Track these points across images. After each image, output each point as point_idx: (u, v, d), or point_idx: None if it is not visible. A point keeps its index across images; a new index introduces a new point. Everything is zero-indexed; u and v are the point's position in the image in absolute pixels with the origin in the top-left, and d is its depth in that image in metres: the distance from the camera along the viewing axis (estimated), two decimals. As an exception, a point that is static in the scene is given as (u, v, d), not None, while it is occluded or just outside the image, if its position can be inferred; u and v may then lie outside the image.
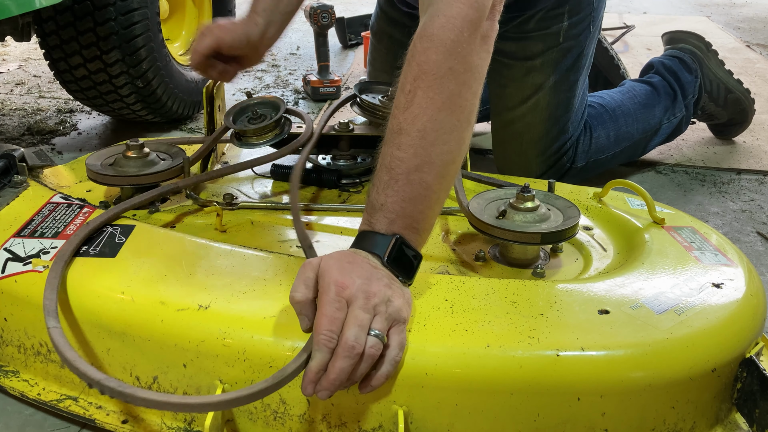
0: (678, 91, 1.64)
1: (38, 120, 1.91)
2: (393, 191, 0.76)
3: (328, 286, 0.70)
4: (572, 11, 1.36)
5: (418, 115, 0.77)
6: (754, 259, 1.29)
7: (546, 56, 1.37)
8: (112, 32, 1.55)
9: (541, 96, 1.39)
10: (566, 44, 1.37)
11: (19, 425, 0.85)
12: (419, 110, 0.77)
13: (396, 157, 0.77)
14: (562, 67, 1.38)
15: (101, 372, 0.71)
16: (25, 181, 1.08)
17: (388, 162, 0.77)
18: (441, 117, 0.77)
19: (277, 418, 0.77)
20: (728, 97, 1.76)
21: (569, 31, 1.37)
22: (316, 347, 0.68)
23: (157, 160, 1.14)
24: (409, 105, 0.77)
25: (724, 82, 1.74)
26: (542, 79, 1.38)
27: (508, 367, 0.73)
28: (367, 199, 0.79)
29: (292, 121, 1.23)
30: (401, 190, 0.76)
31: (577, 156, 1.46)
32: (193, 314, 0.79)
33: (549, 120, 1.41)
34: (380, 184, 0.77)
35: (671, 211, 1.10)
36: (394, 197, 0.76)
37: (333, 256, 0.74)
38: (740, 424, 0.83)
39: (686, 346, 0.76)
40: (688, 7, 3.90)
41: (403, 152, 0.77)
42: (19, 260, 0.89)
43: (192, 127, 1.90)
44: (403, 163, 0.76)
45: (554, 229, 0.95)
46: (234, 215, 1.10)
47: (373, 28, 1.61)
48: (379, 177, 0.78)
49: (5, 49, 2.68)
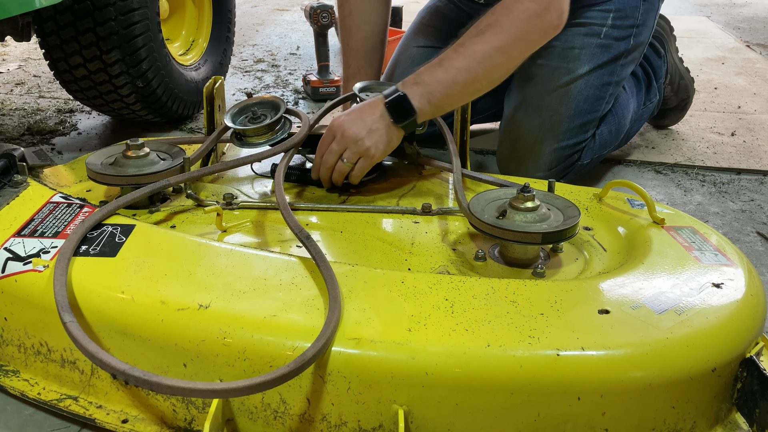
0: (651, 76, 1.68)
1: (38, 120, 1.91)
2: (434, 71, 1.15)
3: (329, 129, 1.16)
4: (617, 14, 1.42)
5: (479, 43, 1.15)
6: (754, 259, 1.29)
7: (586, 46, 1.41)
8: (112, 32, 1.55)
9: (573, 84, 1.40)
10: (606, 41, 1.41)
11: (19, 425, 0.85)
12: (482, 41, 1.15)
13: (449, 56, 1.16)
14: (598, 62, 1.41)
15: (124, 362, 0.71)
16: (25, 181, 1.07)
17: (445, 55, 1.16)
18: (492, 54, 1.16)
19: (277, 418, 0.77)
20: (680, 83, 1.79)
21: (611, 31, 1.42)
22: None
23: (157, 160, 1.14)
24: (478, 35, 1.16)
25: (678, 67, 1.77)
26: (577, 67, 1.40)
27: (508, 366, 0.73)
28: (417, 74, 1.16)
29: (291, 121, 1.23)
30: (440, 72, 1.14)
31: (584, 154, 1.46)
32: (193, 314, 0.79)
33: (575, 112, 1.41)
34: (432, 70, 1.15)
35: (671, 211, 1.10)
36: (431, 76, 1.15)
37: (356, 106, 1.17)
38: (740, 424, 0.83)
39: (686, 346, 0.76)
40: (688, 7, 3.90)
41: (458, 54, 1.15)
42: (19, 260, 0.89)
43: (192, 127, 1.90)
44: (452, 61, 1.15)
45: (554, 229, 0.95)
46: (234, 215, 1.10)
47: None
48: (433, 62, 1.16)
49: (5, 49, 2.68)
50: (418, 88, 1.14)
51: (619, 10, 1.42)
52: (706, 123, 2.00)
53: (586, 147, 1.46)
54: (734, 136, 1.91)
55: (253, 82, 2.34)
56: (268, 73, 2.45)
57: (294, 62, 2.61)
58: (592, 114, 1.43)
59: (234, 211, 1.11)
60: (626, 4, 1.43)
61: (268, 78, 2.40)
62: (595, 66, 1.41)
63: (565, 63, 1.40)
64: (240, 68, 2.50)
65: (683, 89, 1.81)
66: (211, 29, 2.02)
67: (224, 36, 2.07)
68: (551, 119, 1.41)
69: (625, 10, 1.43)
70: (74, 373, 0.85)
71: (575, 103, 1.41)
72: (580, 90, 1.40)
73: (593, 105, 1.42)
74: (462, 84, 1.15)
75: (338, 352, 0.74)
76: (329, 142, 1.15)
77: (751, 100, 2.23)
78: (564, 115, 1.41)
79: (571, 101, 1.40)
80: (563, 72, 1.40)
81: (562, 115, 1.41)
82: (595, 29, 1.41)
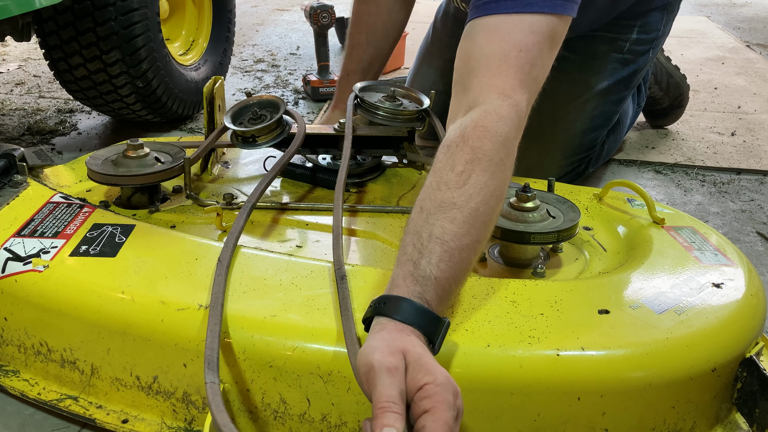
0: (641, 80, 1.66)
1: (38, 120, 1.91)
2: (447, 266, 0.72)
3: (445, 386, 0.61)
4: (643, 28, 1.36)
5: (473, 195, 0.76)
6: (754, 259, 1.29)
7: (607, 60, 1.36)
8: (112, 32, 1.55)
9: (590, 99, 1.36)
10: (628, 56, 1.37)
11: (19, 425, 0.85)
12: (474, 191, 0.77)
13: (449, 231, 0.74)
14: (618, 77, 1.37)
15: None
16: (25, 181, 1.07)
17: (440, 233, 0.74)
18: (491, 203, 0.78)
19: (277, 418, 0.77)
20: (669, 81, 1.78)
21: (634, 46, 1.37)
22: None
23: (157, 160, 1.14)
24: (463, 184, 0.77)
25: (665, 66, 1.76)
26: (597, 82, 1.35)
27: (508, 366, 0.73)
28: (412, 262, 0.73)
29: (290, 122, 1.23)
30: (455, 267, 0.73)
31: (591, 163, 1.46)
32: (193, 314, 0.79)
33: (588, 127, 1.38)
34: (432, 254, 0.72)
35: (671, 211, 1.10)
36: (447, 273, 0.72)
37: (408, 341, 0.65)
38: (740, 424, 0.83)
39: (686, 346, 0.76)
40: (688, 7, 3.90)
41: (457, 227, 0.74)
42: (19, 260, 0.89)
43: (192, 127, 1.90)
44: (457, 239, 0.74)
45: (554, 229, 0.95)
46: (234, 215, 1.10)
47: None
48: (430, 247, 0.73)
49: (5, 49, 2.67)
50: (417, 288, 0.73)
51: (644, 24, 1.37)
52: (706, 123, 2.00)
53: (594, 157, 1.45)
54: (734, 136, 1.91)
55: (253, 82, 2.34)
56: (268, 73, 2.45)
57: (294, 62, 2.61)
58: (604, 129, 1.41)
59: (234, 211, 1.11)
60: (651, 16, 1.38)
61: (268, 78, 2.40)
62: (614, 81, 1.37)
63: (584, 75, 1.36)
64: (240, 68, 2.50)
65: (674, 87, 1.80)
66: (211, 29, 2.02)
67: (224, 36, 2.07)
68: (564, 134, 1.38)
69: (651, 23, 1.38)
70: (74, 373, 0.85)
71: (591, 118, 1.37)
72: (597, 105, 1.37)
73: (607, 120, 1.40)
74: (473, 260, 0.78)
75: (338, 352, 0.74)
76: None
77: (751, 100, 2.23)
78: (577, 130, 1.37)
79: (587, 116, 1.37)
80: (582, 86, 1.36)
81: (576, 130, 1.37)
82: (619, 44, 1.36)
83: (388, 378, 0.60)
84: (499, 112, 0.82)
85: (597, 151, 1.44)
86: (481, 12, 0.88)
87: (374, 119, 1.23)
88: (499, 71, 0.84)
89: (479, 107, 0.83)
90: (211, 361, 0.69)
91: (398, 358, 0.62)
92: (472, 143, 0.79)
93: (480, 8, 0.88)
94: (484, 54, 0.86)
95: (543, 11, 0.86)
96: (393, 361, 0.61)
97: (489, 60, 0.85)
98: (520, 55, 0.85)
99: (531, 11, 0.86)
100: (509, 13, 0.86)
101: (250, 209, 0.96)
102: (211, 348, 0.71)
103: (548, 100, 1.40)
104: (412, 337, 0.66)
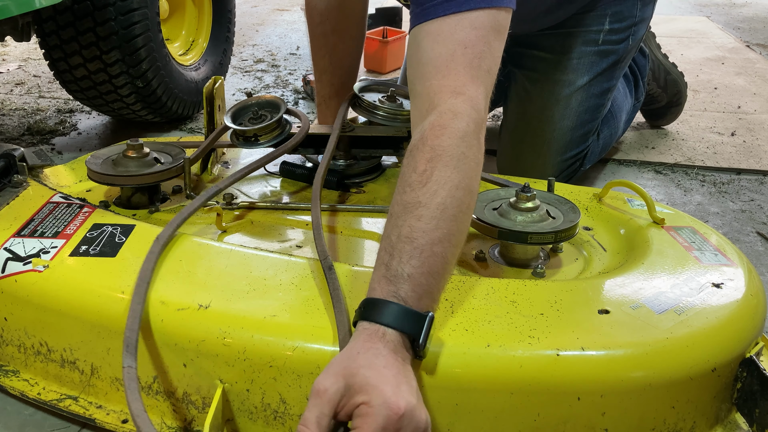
0: (638, 75, 1.66)
1: (38, 120, 1.91)
2: (418, 262, 0.73)
3: (379, 408, 0.63)
4: (614, 17, 1.36)
5: (437, 191, 0.77)
6: (754, 259, 1.29)
7: (584, 55, 1.36)
8: (112, 32, 1.55)
9: (573, 96, 1.37)
10: (604, 48, 1.37)
11: (19, 425, 0.85)
12: (437, 186, 0.77)
13: (417, 228, 0.74)
14: (597, 70, 1.37)
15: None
16: (25, 181, 1.07)
17: (408, 232, 0.74)
18: (458, 194, 0.78)
19: (277, 418, 0.77)
20: (667, 78, 1.78)
21: (609, 36, 1.37)
22: None
23: (157, 160, 1.14)
24: (425, 182, 0.78)
25: (662, 63, 1.76)
26: (576, 78, 1.37)
27: (508, 366, 0.73)
28: (384, 265, 0.74)
29: (291, 122, 1.23)
30: (426, 262, 0.73)
31: (587, 160, 1.46)
32: (193, 314, 0.79)
33: (577, 123, 1.39)
34: (402, 253, 0.73)
35: (671, 211, 1.10)
36: (421, 269, 0.73)
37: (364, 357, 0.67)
38: (740, 423, 0.83)
39: (686, 346, 0.76)
40: (688, 7, 3.90)
41: (424, 224, 0.75)
42: (19, 260, 0.89)
43: (192, 127, 1.90)
44: (426, 234, 0.74)
45: (554, 229, 0.95)
46: (234, 215, 1.10)
47: None
48: (399, 247, 0.74)
49: (5, 49, 2.67)
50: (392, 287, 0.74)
51: (616, 13, 1.37)
52: (706, 123, 2.00)
53: (589, 153, 1.45)
54: (734, 136, 1.91)
55: (253, 82, 2.34)
56: (268, 73, 2.45)
57: (294, 62, 2.60)
58: (594, 122, 1.41)
59: (234, 211, 1.11)
60: (622, 4, 1.38)
61: (268, 78, 2.39)
62: (595, 75, 1.38)
63: (563, 75, 1.37)
64: (240, 68, 2.50)
65: (672, 84, 1.80)
66: (211, 29, 2.02)
67: (224, 36, 2.07)
68: (553, 134, 1.39)
69: (622, 11, 1.38)
70: (74, 373, 0.85)
71: (577, 115, 1.38)
72: (581, 101, 1.38)
73: (594, 114, 1.41)
74: (451, 254, 0.78)
75: (338, 352, 0.74)
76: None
77: (751, 100, 2.23)
78: (566, 128, 1.38)
79: (573, 113, 1.38)
80: (563, 84, 1.37)
81: (565, 128, 1.38)
82: (592, 36, 1.37)
83: (312, 400, 0.65)
84: (453, 109, 0.83)
85: (591, 147, 1.45)
86: (421, 18, 0.89)
87: (374, 119, 1.23)
88: (449, 71, 0.85)
89: (435, 110, 0.83)
90: (130, 344, 0.66)
91: (332, 381, 0.65)
92: (430, 142, 0.80)
93: (420, 15, 0.89)
94: (432, 58, 0.87)
95: (480, 6, 0.87)
96: (325, 384, 0.65)
97: (437, 63, 0.86)
98: (466, 51, 0.86)
99: (468, 8, 0.87)
100: (448, 14, 0.87)
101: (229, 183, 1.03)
102: (132, 329, 0.68)
103: (532, 103, 1.40)
104: (377, 345, 0.68)
